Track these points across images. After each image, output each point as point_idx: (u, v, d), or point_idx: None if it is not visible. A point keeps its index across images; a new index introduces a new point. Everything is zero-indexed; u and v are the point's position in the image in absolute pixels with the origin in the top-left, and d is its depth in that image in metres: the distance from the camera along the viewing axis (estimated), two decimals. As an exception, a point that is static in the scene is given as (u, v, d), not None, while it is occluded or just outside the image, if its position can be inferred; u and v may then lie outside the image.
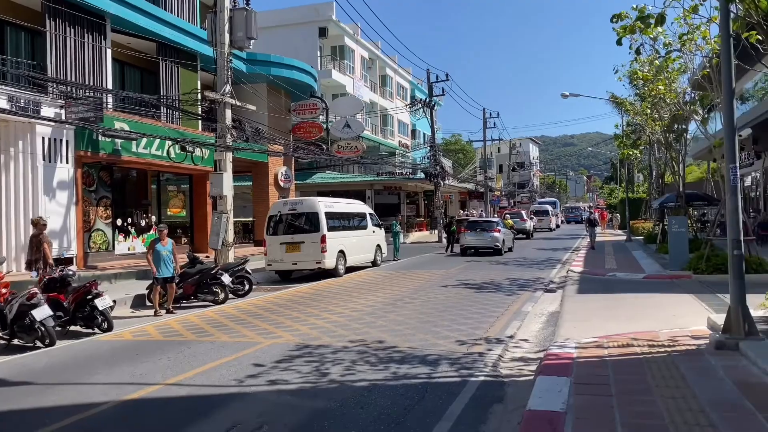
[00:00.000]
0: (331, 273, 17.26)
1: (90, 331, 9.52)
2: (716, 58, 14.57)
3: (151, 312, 11.65)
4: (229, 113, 16.24)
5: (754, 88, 21.99)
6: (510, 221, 32.19)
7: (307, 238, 16.91)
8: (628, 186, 49.55)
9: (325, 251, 16.75)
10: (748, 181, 33.04)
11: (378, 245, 20.74)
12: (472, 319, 9.59)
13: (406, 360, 6.96)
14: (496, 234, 24.19)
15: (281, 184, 26.00)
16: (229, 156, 16.31)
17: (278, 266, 17.23)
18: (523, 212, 42.36)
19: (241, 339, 8.58)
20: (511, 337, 8.27)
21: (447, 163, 74.50)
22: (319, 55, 40.92)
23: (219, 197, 16.14)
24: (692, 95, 20.47)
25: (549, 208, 53.13)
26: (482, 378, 6.18)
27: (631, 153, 31.48)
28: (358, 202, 20.96)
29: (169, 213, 20.40)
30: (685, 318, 8.91)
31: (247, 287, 14.09)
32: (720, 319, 7.68)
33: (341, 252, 17.68)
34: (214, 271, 12.86)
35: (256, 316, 10.71)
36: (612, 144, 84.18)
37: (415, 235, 39.26)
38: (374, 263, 20.41)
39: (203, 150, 18.55)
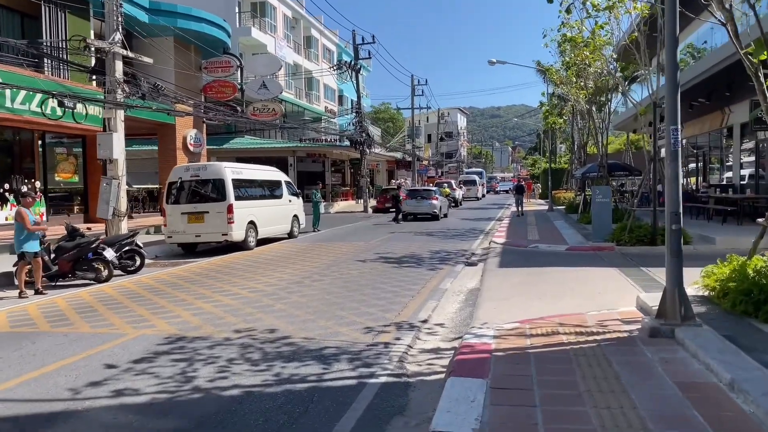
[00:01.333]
0: (240, 246, 15.84)
1: None
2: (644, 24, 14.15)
3: (17, 293, 9.90)
4: (119, 65, 14.24)
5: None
6: (447, 190, 34.40)
7: (212, 208, 15.35)
8: (551, 156, 50.21)
9: (233, 222, 15.26)
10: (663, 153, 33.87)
11: (295, 215, 19.40)
12: (384, 300, 8.55)
13: (296, 356, 5.80)
14: (434, 201, 26.72)
15: (191, 148, 23.98)
16: (120, 114, 14.38)
17: (179, 238, 15.58)
18: (453, 182, 44.60)
19: (104, 329, 7.14)
20: (424, 321, 7.27)
21: (376, 132, 73.40)
22: (237, 11, 38.25)
23: (108, 160, 14.25)
24: (615, 67, 20.18)
25: (476, 177, 55.36)
26: (384, 379, 5.12)
27: (555, 122, 31.42)
28: (272, 169, 19.44)
29: (57, 178, 18.15)
30: (612, 295, 8.23)
31: (138, 262, 12.47)
32: (650, 299, 6.99)
33: (251, 223, 16.24)
34: (94, 245, 11.16)
35: (137, 298, 9.23)
36: (537, 116, 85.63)
37: (341, 205, 38.02)
38: (290, 235, 19.09)
39: (93, 108, 16.39)
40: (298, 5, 46.02)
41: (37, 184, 17.15)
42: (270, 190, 18.13)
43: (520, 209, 28.00)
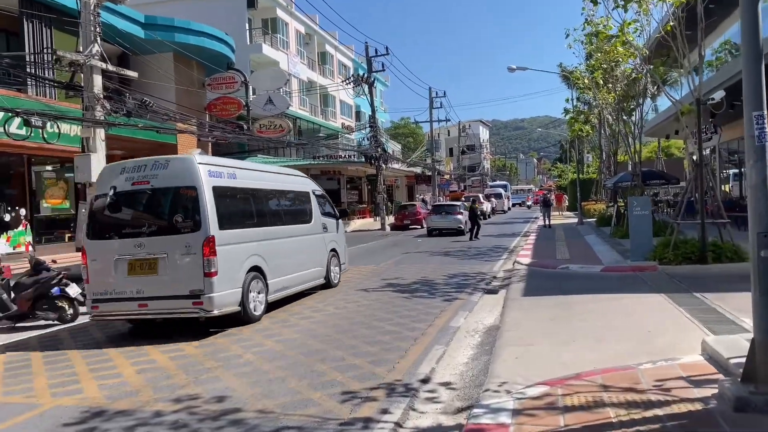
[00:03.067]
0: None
1: None
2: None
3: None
4: (98, 80, 13.00)
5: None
6: (476, 205, 33.92)
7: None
8: (579, 166, 48.09)
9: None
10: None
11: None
12: (379, 345, 6.93)
13: (239, 444, 4.21)
14: (459, 216, 26.26)
15: (195, 168, 22.73)
16: (100, 133, 13.11)
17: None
18: (480, 195, 45.15)
19: (17, 398, 5.65)
20: (425, 380, 5.62)
21: (395, 147, 72.11)
22: (248, 28, 37.38)
23: (87, 184, 12.96)
24: (646, 69, 18.46)
25: (501, 191, 56.27)
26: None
27: (582, 129, 29.54)
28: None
29: (45, 205, 16.98)
30: (667, 336, 6.47)
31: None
32: (722, 346, 5.25)
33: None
34: (56, 281, 9.78)
35: (90, 346, 7.79)
36: (561, 127, 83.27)
37: (357, 223, 36.54)
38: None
39: (73, 127, 15.18)
40: (311, 21, 45.11)
41: (22, 211, 15.99)
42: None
43: (548, 222, 28.18)
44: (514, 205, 65.97)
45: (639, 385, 4.76)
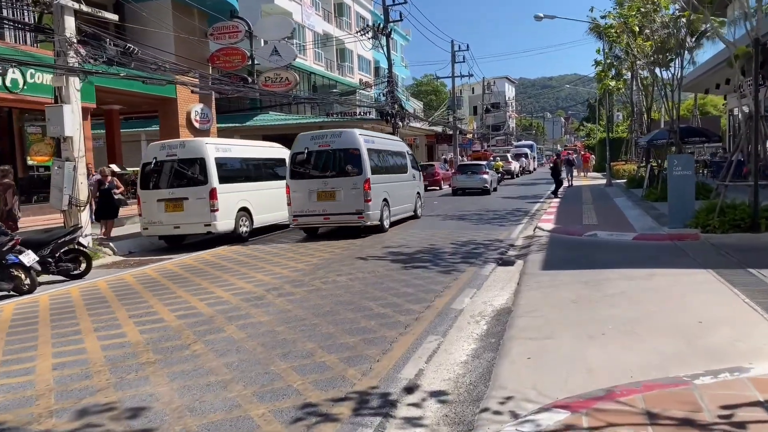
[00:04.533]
0: (230, 237, 13.30)
1: None
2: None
3: None
4: (70, 21, 11.64)
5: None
6: (500, 163, 35.15)
7: (192, 193, 12.75)
8: (608, 125, 45.67)
9: (216, 210, 12.62)
10: (736, 113, 29.27)
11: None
12: (360, 334, 5.65)
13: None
14: (484, 176, 26.53)
15: (196, 125, 21.47)
16: (75, 82, 11.83)
17: (156, 230, 13.12)
18: (508, 155, 45.64)
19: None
20: (408, 389, 4.32)
21: (417, 106, 69.93)
22: (259, -24, 35.43)
23: (62, 138, 11.78)
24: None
25: (527, 150, 55.47)
26: None
27: (611, 85, 27.39)
28: (274, 145, 16.65)
29: (30, 162, 15.90)
30: (723, 330, 5.05)
31: (83, 266, 9.98)
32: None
33: (244, 210, 13.61)
34: (7, 248, 8.65)
35: (26, 327, 6.65)
36: (590, 85, 79.65)
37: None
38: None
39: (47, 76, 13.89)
40: (327, -31, 42.89)
41: (7, 168, 14.93)
42: (270, 170, 15.39)
43: (570, 180, 29.14)
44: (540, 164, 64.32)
45: (699, 415, 3.38)
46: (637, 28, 18.74)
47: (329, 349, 5.22)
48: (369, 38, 32.05)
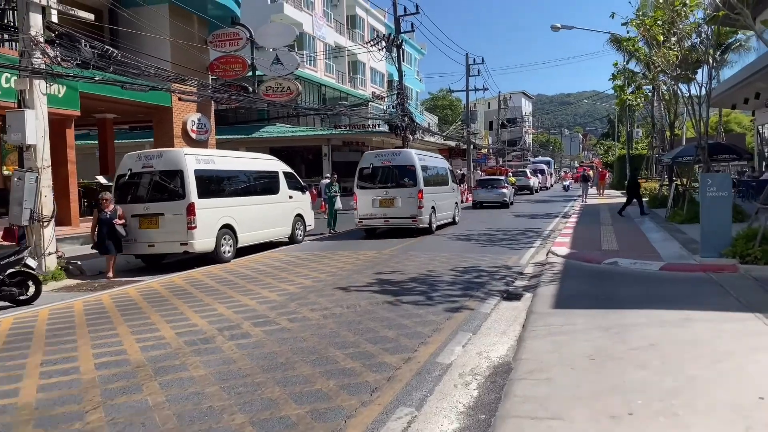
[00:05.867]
0: (212, 257, 12.14)
1: None
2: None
3: None
4: (37, 19, 10.62)
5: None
6: (513, 179, 35.88)
7: (168, 208, 11.61)
8: (628, 142, 44.05)
9: (194, 227, 11.45)
10: (766, 132, 27.63)
11: (298, 215, 15.44)
12: (312, 401, 4.36)
13: None
14: (504, 190, 28.08)
15: (193, 135, 20.48)
16: (40, 86, 10.78)
17: (130, 248, 11.94)
18: (528, 170, 46.05)
19: None
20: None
21: (432, 120, 68.82)
22: (268, -15, 34.69)
23: (24, 147, 10.71)
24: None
25: (545, 167, 55.44)
26: None
27: (630, 98, 25.95)
28: (265, 157, 15.55)
29: (6, 172, 14.92)
30: (797, 414, 3.69)
31: (32, 290, 8.83)
32: None
33: (227, 227, 12.43)
34: None
35: None
36: (609, 101, 77.82)
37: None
38: (292, 239, 15.16)
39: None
40: (340, -20, 42.12)
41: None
42: (260, 184, 14.23)
43: (584, 196, 30.63)
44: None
45: None
46: (661, 38, 17.45)
47: (262, 427, 3.93)
48: (380, 49, 31.04)
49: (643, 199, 20.87)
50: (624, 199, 27.23)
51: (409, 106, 43.77)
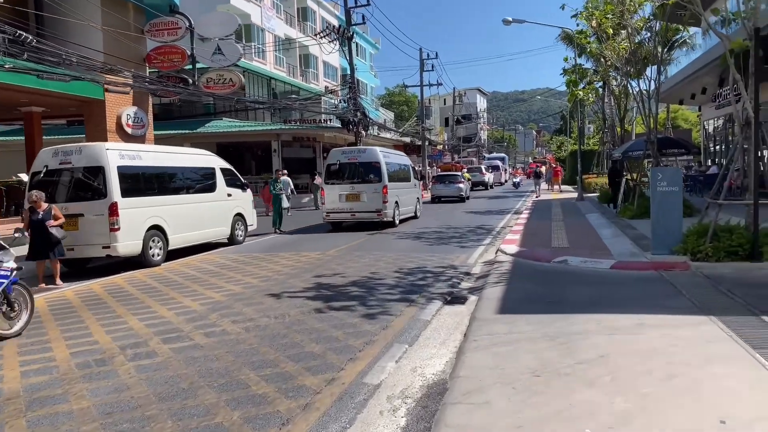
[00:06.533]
0: (140, 261, 11.20)
1: None
2: None
3: None
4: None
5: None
6: (468, 175, 36.78)
7: (89, 208, 10.63)
8: (580, 138, 44.51)
9: (117, 228, 10.50)
10: (711, 127, 28.15)
11: (239, 215, 14.57)
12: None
13: None
14: (460, 185, 29.16)
15: (128, 130, 19.24)
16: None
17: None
18: (483, 167, 46.89)
19: None
20: None
21: (388, 116, 68.25)
22: (214, -25, 33.35)
23: None
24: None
25: (499, 163, 56.60)
26: None
27: (581, 92, 25.96)
28: (202, 152, 14.60)
29: None
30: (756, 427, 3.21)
31: None
32: None
33: (156, 229, 11.49)
34: None
35: None
36: (562, 99, 78.77)
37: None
38: (232, 240, 14.28)
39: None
40: (290, -29, 41.04)
41: None
42: (194, 181, 13.31)
43: (537, 191, 31.53)
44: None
45: None
46: (611, 31, 17.30)
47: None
48: (330, 41, 30.23)
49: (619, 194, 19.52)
50: (575, 194, 27.34)
51: (363, 101, 43.08)
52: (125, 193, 10.80)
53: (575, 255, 9.97)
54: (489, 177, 45.33)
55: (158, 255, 11.48)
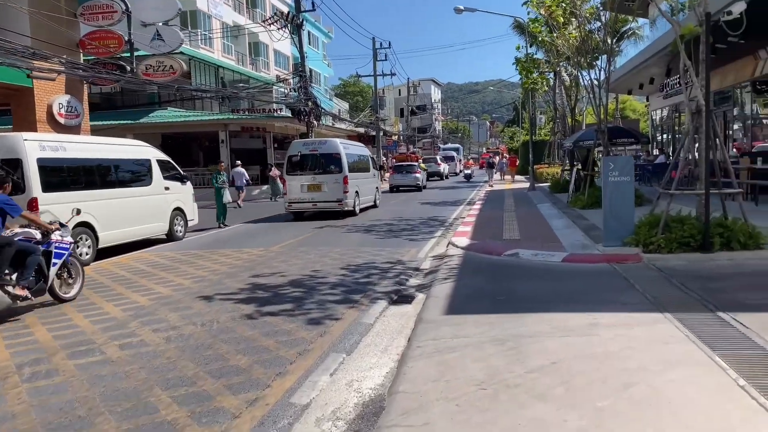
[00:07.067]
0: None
1: None
2: None
3: None
4: None
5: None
6: (423, 165, 37.02)
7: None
8: (532, 128, 44.84)
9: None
10: (658, 115, 28.64)
11: (177, 209, 13.75)
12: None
13: None
14: (417, 175, 30.28)
15: (60, 119, 17.98)
16: None
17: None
18: (438, 157, 48.15)
19: None
20: None
21: (342, 106, 67.41)
22: (156, -42, 31.80)
23: None
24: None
25: (454, 154, 57.39)
26: None
27: (535, 82, 25.94)
28: (136, 143, 13.70)
29: None
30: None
31: None
32: None
33: (84, 226, 10.62)
34: None
35: None
36: (515, 90, 79.34)
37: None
38: (170, 236, 13.46)
39: None
40: (238, -44, 39.67)
41: None
42: (127, 174, 12.44)
43: (490, 181, 32.16)
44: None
45: None
46: (561, 19, 17.13)
47: None
48: (279, 28, 29.24)
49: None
50: (527, 184, 27.37)
51: (316, 90, 42.19)
52: (48, 187, 9.92)
53: (527, 248, 9.65)
54: (444, 167, 45.63)
55: (86, 254, 10.61)
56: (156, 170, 13.05)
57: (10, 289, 6.48)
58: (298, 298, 7.13)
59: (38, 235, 7.09)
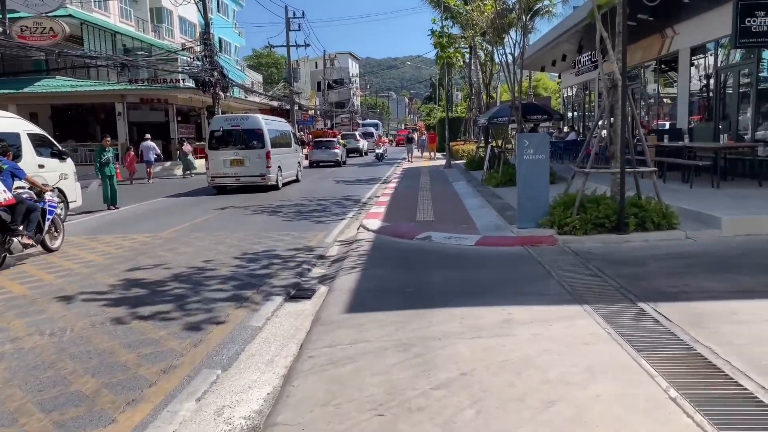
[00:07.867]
0: None
1: None
2: None
3: None
4: None
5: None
6: (343, 141, 37.07)
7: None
8: (448, 104, 44.84)
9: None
10: (569, 92, 29.14)
11: (56, 188, 12.13)
12: None
13: None
14: (336, 150, 31.16)
15: None
16: None
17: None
18: (357, 133, 47.89)
19: None
20: None
21: (256, 78, 64.71)
22: None
23: None
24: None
25: (373, 130, 57.77)
26: None
27: (451, 57, 25.50)
28: (2, 114, 11.93)
29: None
30: None
31: None
32: None
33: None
34: None
35: None
36: (432, 66, 79.17)
37: (199, 163, 30.31)
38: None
39: None
40: None
41: None
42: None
43: (409, 157, 32.62)
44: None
45: None
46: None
47: None
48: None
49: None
50: (443, 161, 27.11)
51: (226, 61, 39.92)
52: None
53: (439, 230, 9.08)
54: (363, 144, 45.54)
55: (-67, 245, 9.01)
56: (27, 145, 11.39)
57: (22, 239, 7.79)
58: (179, 297, 6.14)
59: (34, 195, 8.34)
